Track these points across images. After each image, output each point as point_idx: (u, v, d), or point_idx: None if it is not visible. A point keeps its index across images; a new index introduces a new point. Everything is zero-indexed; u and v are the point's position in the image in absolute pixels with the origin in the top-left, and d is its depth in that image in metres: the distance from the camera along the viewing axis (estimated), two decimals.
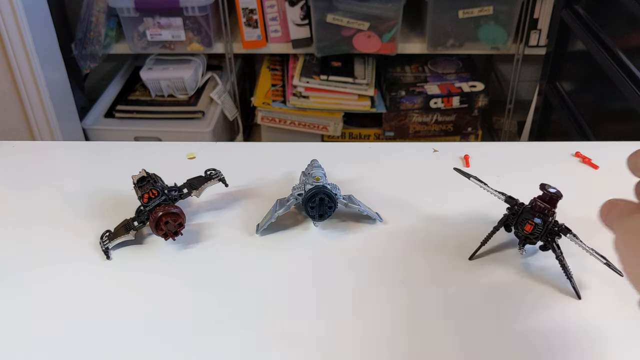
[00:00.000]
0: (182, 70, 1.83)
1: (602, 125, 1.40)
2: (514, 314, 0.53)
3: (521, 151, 0.77)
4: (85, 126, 1.84)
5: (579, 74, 1.57)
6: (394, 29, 1.74)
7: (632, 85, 1.18)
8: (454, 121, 1.86)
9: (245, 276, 0.57)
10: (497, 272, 0.57)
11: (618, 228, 0.39)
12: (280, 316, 0.53)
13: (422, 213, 0.65)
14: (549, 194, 0.55)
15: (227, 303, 0.54)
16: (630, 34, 1.28)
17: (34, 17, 1.60)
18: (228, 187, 0.66)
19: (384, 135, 1.89)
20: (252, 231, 0.63)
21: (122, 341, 0.50)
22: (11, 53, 1.59)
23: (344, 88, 1.80)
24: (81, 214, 0.65)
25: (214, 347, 0.50)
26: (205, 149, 0.77)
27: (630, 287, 0.48)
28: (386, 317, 0.52)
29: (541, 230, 0.55)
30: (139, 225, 0.60)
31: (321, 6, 1.69)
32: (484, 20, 1.73)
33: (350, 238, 0.62)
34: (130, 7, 1.73)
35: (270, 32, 1.79)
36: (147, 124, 1.84)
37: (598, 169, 0.72)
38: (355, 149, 0.77)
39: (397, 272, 0.57)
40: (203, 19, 1.75)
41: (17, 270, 0.58)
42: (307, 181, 0.62)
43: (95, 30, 1.80)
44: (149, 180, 0.61)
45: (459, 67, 1.92)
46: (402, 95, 1.81)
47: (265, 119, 1.88)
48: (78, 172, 0.73)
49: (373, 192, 0.68)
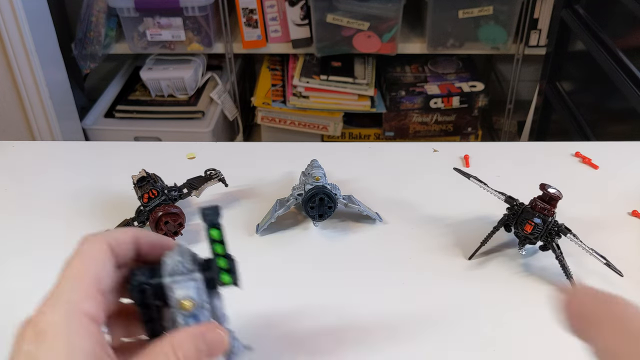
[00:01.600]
0: (182, 70, 1.83)
1: (602, 125, 1.40)
2: (514, 314, 0.53)
3: (521, 151, 0.77)
4: (85, 126, 1.84)
5: (579, 74, 1.57)
6: (394, 29, 1.74)
7: (632, 85, 1.18)
8: (454, 121, 1.86)
9: (245, 276, 0.57)
10: (497, 272, 0.57)
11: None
12: (280, 316, 0.53)
13: (422, 213, 0.65)
14: (549, 194, 0.55)
15: (226, 303, 0.54)
16: (630, 34, 1.28)
17: (34, 17, 1.60)
18: (228, 187, 0.66)
19: (384, 135, 1.89)
20: (252, 231, 0.63)
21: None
22: (11, 53, 1.59)
23: (344, 88, 1.80)
24: (81, 214, 0.65)
25: None
26: (205, 149, 0.77)
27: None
28: (386, 317, 0.52)
29: (541, 230, 0.55)
30: (138, 226, 0.61)
31: (321, 6, 1.69)
32: (484, 20, 1.73)
33: (350, 238, 0.62)
34: (130, 7, 1.73)
35: (270, 32, 1.79)
36: (147, 124, 1.84)
37: (598, 169, 0.72)
38: (355, 149, 0.77)
39: (397, 272, 0.57)
40: (203, 19, 1.75)
41: (17, 270, 0.58)
42: (307, 181, 0.62)
43: (95, 30, 1.80)
44: (149, 180, 0.61)
45: (459, 67, 1.92)
46: (402, 95, 1.81)
47: (265, 119, 1.88)
48: (78, 172, 0.73)
49: (373, 192, 0.68)
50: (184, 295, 0.37)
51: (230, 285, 0.39)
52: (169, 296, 0.37)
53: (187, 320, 0.37)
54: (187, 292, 0.37)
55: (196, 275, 0.37)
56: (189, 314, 0.37)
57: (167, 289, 0.37)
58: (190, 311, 0.37)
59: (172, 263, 0.37)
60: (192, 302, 0.37)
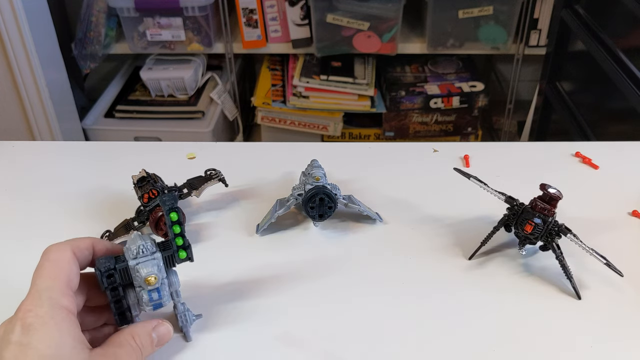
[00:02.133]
0: (182, 70, 1.83)
1: (602, 125, 1.40)
2: (514, 314, 0.53)
3: (521, 151, 0.77)
4: (85, 126, 1.84)
5: (579, 74, 1.57)
6: (394, 29, 1.74)
7: (632, 85, 1.18)
8: (454, 121, 1.86)
9: (245, 276, 0.57)
10: (497, 272, 0.57)
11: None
12: (280, 316, 0.53)
13: (422, 213, 0.65)
14: (549, 194, 0.55)
15: (226, 303, 0.54)
16: (630, 34, 1.28)
17: (34, 17, 1.60)
18: (228, 187, 0.66)
19: (384, 135, 1.89)
20: (252, 231, 0.63)
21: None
22: (11, 53, 1.59)
23: (344, 88, 1.80)
24: (81, 214, 0.65)
25: (213, 347, 0.50)
26: (205, 149, 0.77)
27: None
28: (387, 317, 0.52)
29: (541, 231, 0.55)
30: (139, 225, 0.61)
31: (321, 6, 1.69)
32: (484, 20, 1.73)
33: (350, 238, 0.62)
34: (130, 7, 1.73)
35: (270, 32, 1.79)
36: (147, 124, 1.84)
37: (598, 169, 0.72)
38: (355, 149, 0.77)
39: (397, 272, 0.57)
40: (203, 19, 1.75)
41: (17, 270, 0.58)
42: (307, 181, 0.62)
43: (95, 30, 1.80)
44: (149, 180, 0.61)
45: (459, 67, 1.92)
46: (402, 95, 1.81)
47: (265, 119, 1.88)
48: (78, 172, 0.73)
49: (373, 192, 0.68)
50: (148, 272, 0.44)
51: (186, 261, 0.47)
52: (135, 277, 0.45)
53: (151, 295, 0.45)
54: (150, 270, 0.44)
55: (157, 254, 0.45)
56: (153, 288, 0.45)
57: (133, 270, 0.44)
58: (153, 285, 0.45)
59: (135, 247, 0.45)
60: (156, 277, 0.44)
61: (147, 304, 0.45)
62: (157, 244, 0.46)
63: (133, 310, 0.46)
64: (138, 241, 0.45)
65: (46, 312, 0.39)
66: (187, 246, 0.47)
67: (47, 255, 0.43)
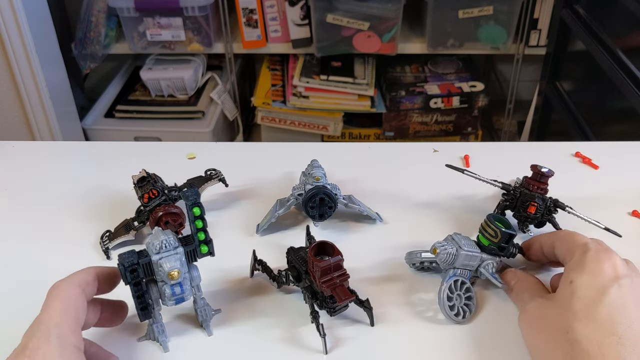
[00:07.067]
0: (182, 70, 1.83)
1: (602, 125, 1.41)
2: (514, 314, 0.53)
3: (521, 151, 0.77)
4: (85, 126, 1.84)
5: (579, 74, 1.57)
6: (394, 29, 1.74)
7: (632, 85, 1.18)
8: (454, 121, 1.86)
9: (245, 276, 0.57)
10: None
11: (522, 309, 0.49)
12: (280, 316, 0.53)
13: (422, 213, 0.65)
14: (542, 172, 0.58)
15: (226, 303, 0.54)
16: (630, 34, 1.28)
17: (34, 17, 1.60)
18: (228, 187, 0.66)
19: (384, 135, 1.89)
20: (252, 231, 0.63)
21: (125, 340, 0.50)
22: (11, 53, 1.59)
23: (344, 88, 1.80)
24: (81, 214, 0.65)
25: (214, 347, 0.50)
26: (205, 149, 0.77)
27: None
28: (387, 317, 0.52)
29: (542, 210, 0.58)
30: (139, 225, 0.60)
31: (321, 6, 1.70)
32: (484, 20, 1.73)
33: (350, 238, 0.62)
34: (130, 7, 1.73)
35: (270, 32, 1.79)
36: (147, 124, 1.84)
37: (598, 169, 0.72)
38: (355, 149, 0.77)
39: (398, 271, 0.57)
40: (203, 19, 1.75)
41: (17, 270, 0.58)
42: (307, 181, 0.62)
43: (95, 30, 1.80)
44: (149, 180, 0.61)
45: (459, 67, 1.92)
46: (402, 95, 1.81)
47: (265, 119, 1.88)
48: (78, 172, 0.73)
49: (373, 192, 0.68)
50: (171, 266, 0.44)
51: (207, 255, 0.48)
52: (157, 271, 0.45)
53: (173, 289, 0.45)
54: (173, 264, 0.45)
55: (180, 249, 0.46)
56: (175, 282, 0.45)
57: (156, 265, 0.45)
58: (176, 280, 0.45)
59: (158, 242, 0.45)
60: (179, 271, 0.45)
61: (170, 298, 0.46)
62: (179, 239, 0.47)
63: (155, 305, 0.47)
64: (161, 236, 0.45)
65: (55, 350, 0.40)
66: (208, 241, 0.47)
67: (56, 292, 0.43)
